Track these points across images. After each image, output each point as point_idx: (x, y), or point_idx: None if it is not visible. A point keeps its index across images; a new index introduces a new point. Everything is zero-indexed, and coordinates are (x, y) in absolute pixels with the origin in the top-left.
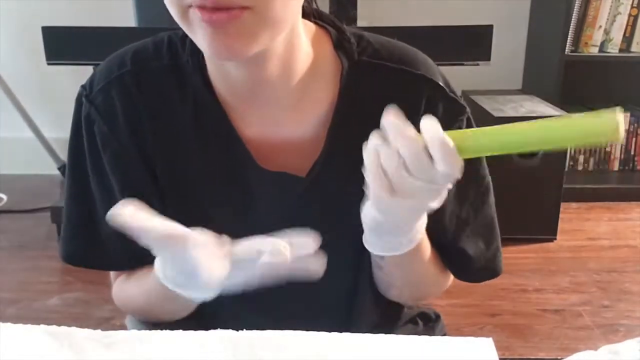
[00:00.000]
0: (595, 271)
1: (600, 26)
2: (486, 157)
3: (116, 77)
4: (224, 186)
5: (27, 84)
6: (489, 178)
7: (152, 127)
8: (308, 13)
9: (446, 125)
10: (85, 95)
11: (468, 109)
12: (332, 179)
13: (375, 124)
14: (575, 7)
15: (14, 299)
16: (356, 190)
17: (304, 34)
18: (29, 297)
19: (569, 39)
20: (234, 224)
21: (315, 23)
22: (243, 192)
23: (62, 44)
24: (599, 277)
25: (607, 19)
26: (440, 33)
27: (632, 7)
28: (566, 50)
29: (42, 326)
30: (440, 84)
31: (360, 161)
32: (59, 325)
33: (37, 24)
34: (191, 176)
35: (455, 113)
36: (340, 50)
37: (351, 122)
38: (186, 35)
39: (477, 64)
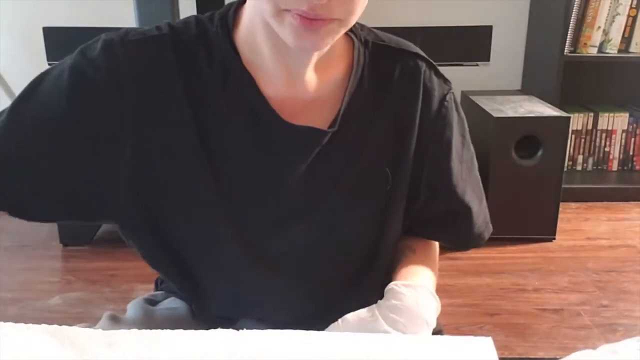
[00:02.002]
0: (594, 271)
1: (599, 27)
2: (488, 158)
3: (154, 36)
4: (248, 147)
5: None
6: (472, 145)
7: (183, 90)
8: None
9: (441, 96)
10: (119, 36)
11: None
12: (349, 135)
13: (382, 93)
14: (574, 7)
15: (15, 298)
16: (368, 151)
17: None
18: (30, 296)
19: (568, 39)
20: (260, 182)
21: None
22: (267, 152)
23: (63, 44)
24: (597, 276)
25: (606, 20)
26: (440, 33)
27: (630, 7)
28: (565, 51)
29: (44, 325)
30: (431, 61)
31: (369, 123)
32: (61, 324)
33: (38, 25)
34: (218, 137)
35: (446, 87)
36: (349, 31)
37: (362, 88)
38: (213, 14)
39: (477, 65)
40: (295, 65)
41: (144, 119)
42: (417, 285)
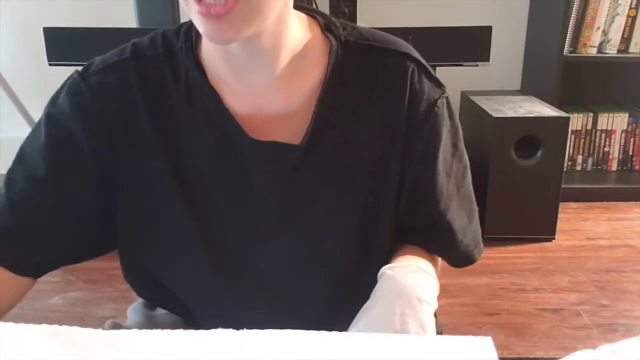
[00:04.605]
0: (594, 271)
1: (599, 27)
2: (487, 158)
3: (115, 62)
4: (218, 163)
5: (28, 84)
6: (466, 156)
7: (147, 111)
8: (298, 7)
9: (431, 100)
10: (80, 74)
11: (446, 89)
12: (326, 146)
13: (365, 97)
14: (574, 8)
15: None
16: (350, 160)
17: (296, 18)
18: (30, 296)
19: (567, 40)
20: (231, 201)
21: (306, 13)
22: (237, 167)
23: (63, 44)
24: (597, 276)
25: (606, 20)
26: (440, 34)
27: (630, 8)
28: (565, 51)
29: (44, 325)
30: (423, 62)
31: (351, 130)
32: (61, 324)
33: (38, 25)
34: (186, 155)
35: (439, 90)
36: (328, 32)
37: (341, 94)
38: (180, 27)
39: (476, 65)
40: (253, 77)
41: (116, 149)
42: (404, 265)
